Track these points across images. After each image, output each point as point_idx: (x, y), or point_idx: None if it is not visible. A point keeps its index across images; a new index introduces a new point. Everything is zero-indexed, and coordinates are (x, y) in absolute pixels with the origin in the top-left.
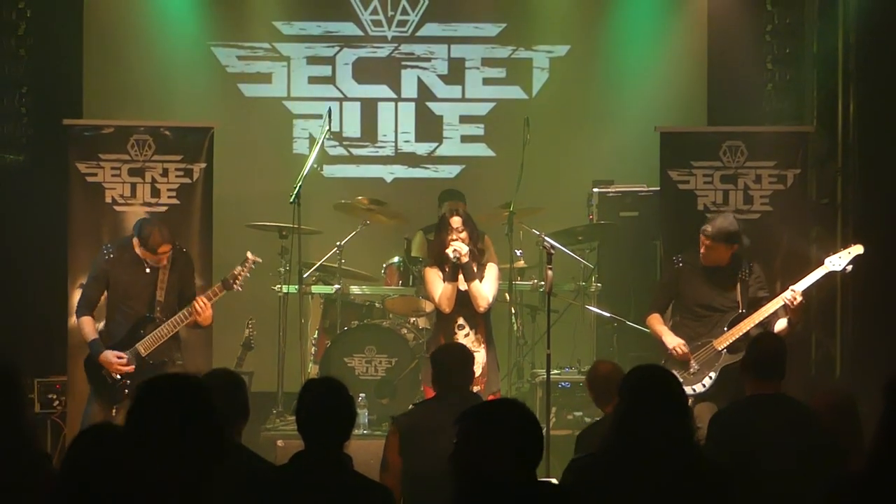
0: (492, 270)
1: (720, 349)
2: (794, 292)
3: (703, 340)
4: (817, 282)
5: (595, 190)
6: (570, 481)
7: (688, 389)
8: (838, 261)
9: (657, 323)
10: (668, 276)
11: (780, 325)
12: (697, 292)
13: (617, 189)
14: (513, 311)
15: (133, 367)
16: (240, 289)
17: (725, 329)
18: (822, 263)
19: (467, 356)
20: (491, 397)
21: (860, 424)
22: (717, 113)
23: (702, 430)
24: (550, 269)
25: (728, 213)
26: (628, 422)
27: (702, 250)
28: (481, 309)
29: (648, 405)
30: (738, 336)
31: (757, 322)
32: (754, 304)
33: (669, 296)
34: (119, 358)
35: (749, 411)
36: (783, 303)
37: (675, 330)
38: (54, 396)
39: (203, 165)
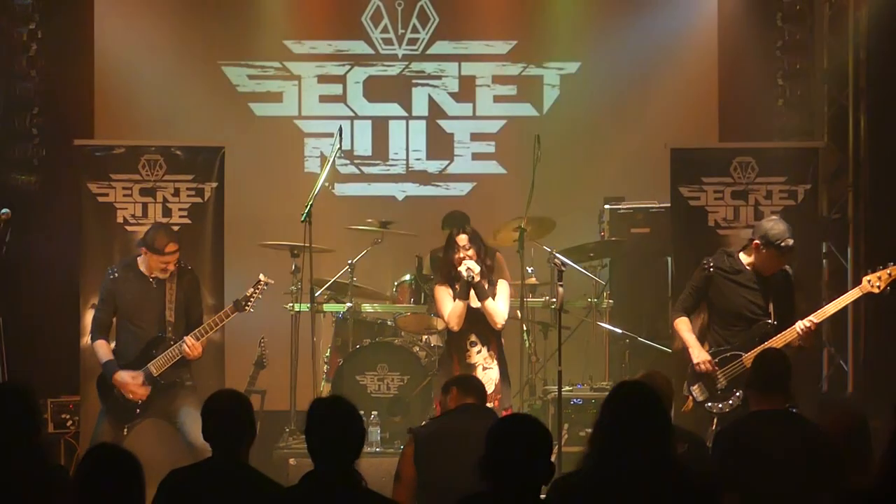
0: (503, 287)
1: (749, 367)
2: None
3: (732, 353)
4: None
5: (606, 206)
6: (553, 499)
7: (714, 406)
8: (878, 282)
9: (685, 329)
10: (699, 280)
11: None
12: (729, 301)
13: (628, 205)
14: (524, 327)
15: (148, 389)
16: (252, 311)
17: (756, 343)
18: (859, 283)
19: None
20: (504, 413)
21: (870, 441)
22: (728, 129)
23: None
24: (562, 285)
25: (773, 216)
26: (607, 439)
27: (773, 262)
28: (498, 326)
29: (628, 423)
30: None
31: (789, 340)
32: (786, 311)
33: (699, 299)
34: (134, 378)
35: (752, 427)
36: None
37: (704, 335)
38: (67, 416)
39: (214, 185)
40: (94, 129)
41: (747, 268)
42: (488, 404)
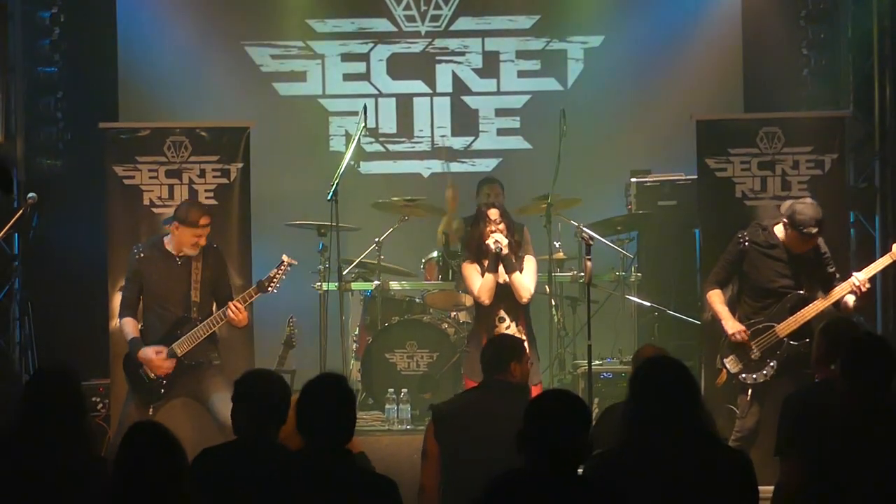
0: (530, 262)
1: (783, 337)
2: (860, 281)
3: (765, 324)
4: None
5: (633, 179)
6: (592, 476)
7: (748, 377)
8: None
9: (718, 301)
10: (733, 254)
11: (850, 298)
12: (762, 275)
13: (654, 178)
14: (553, 302)
15: (173, 362)
16: (275, 291)
17: (788, 314)
18: (889, 250)
19: (513, 345)
20: (534, 389)
21: None
22: (754, 99)
23: (746, 421)
24: (590, 259)
25: (808, 199)
26: (639, 416)
27: (798, 243)
28: (524, 300)
29: (657, 398)
30: (801, 323)
31: (822, 309)
32: (822, 282)
33: (732, 272)
34: (158, 353)
35: (820, 394)
36: (849, 290)
37: (734, 305)
38: (97, 399)
39: (240, 165)
40: (119, 112)
41: (782, 242)
42: None
